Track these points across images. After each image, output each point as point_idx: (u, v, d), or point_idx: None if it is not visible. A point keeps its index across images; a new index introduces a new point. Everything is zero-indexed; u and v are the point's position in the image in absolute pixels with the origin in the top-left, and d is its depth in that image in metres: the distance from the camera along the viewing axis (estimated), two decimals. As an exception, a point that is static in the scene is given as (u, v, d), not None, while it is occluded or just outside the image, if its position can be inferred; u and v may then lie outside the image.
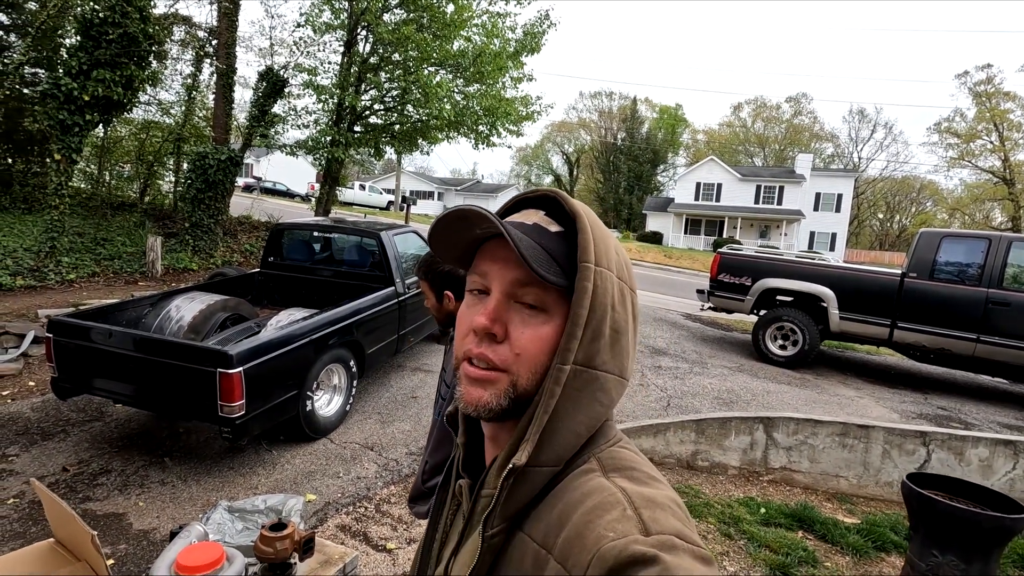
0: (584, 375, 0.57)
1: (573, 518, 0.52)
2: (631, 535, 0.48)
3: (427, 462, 1.75)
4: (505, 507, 0.56)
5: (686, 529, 0.50)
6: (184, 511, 3.23)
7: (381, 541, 3.09)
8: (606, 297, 0.57)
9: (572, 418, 0.57)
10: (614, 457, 0.58)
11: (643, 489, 0.54)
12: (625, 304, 0.61)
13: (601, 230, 0.60)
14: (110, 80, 7.49)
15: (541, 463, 0.56)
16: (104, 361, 3.58)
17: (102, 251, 8.18)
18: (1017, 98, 40.85)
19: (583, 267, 0.57)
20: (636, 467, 0.57)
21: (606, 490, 0.53)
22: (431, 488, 1.75)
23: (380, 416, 4.68)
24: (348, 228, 5.75)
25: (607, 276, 0.58)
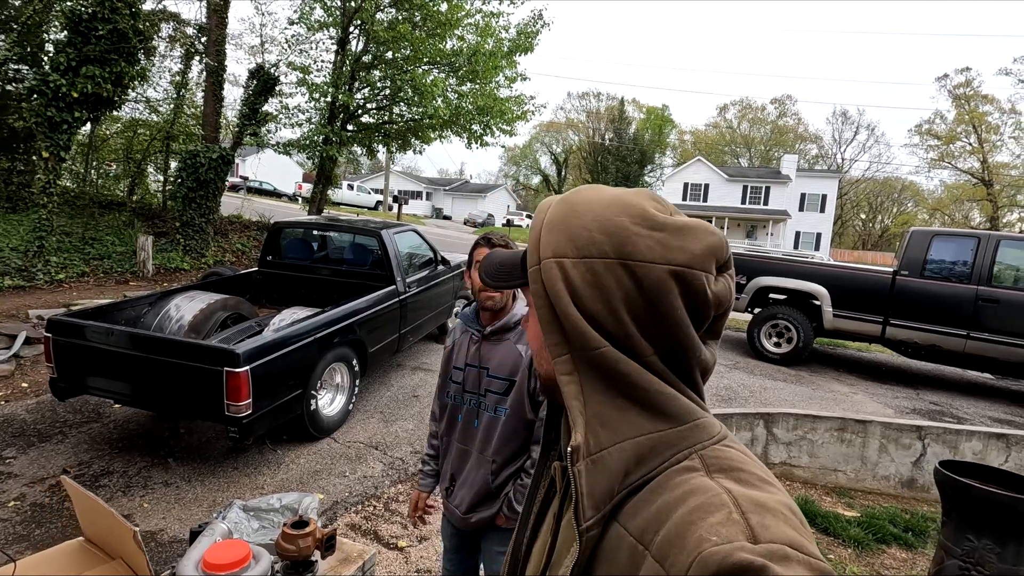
0: (592, 358, 0.56)
1: (673, 516, 0.49)
2: (736, 541, 0.44)
3: (493, 461, 1.74)
4: (591, 496, 0.55)
5: (801, 539, 0.46)
6: (190, 512, 3.20)
7: (392, 539, 3.08)
8: (555, 286, 0.57)
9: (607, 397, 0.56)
10: (718, 456, 0.55)
11: (751, 492, 0.50)
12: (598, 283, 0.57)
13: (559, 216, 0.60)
14: (99, 77, 7.37)
15: (603, 446, 0.55)
16: (105, 361, 3.52)
17: (91, 250, 8.04)
18: (995, 101, 41.76)
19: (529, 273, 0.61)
20: (744, 468, 0.53)
21: (710, 490, 0.50)
22: (500, 486, 1.75)
23: (383, 415, 4.66)
24: (348, 227, 5.72)
25: (549, 266, 0.58)
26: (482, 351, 1.80)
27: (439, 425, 1.93)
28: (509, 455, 1.75)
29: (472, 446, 1.79)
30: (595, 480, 0.54)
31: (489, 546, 1.83)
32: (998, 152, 41.96)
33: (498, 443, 1.74)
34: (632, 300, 0.56)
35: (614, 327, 0.57)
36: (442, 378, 1.91)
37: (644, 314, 0.56)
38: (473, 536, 1.90)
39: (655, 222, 0.58)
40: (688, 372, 0.59)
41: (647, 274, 0.56)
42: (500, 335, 1.79)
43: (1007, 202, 41.36)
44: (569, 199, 0.62)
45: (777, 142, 54.63)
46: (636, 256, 0.56)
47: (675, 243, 0.56)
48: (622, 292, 0.56)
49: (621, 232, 0.57)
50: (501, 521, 1.76)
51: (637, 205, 0.59)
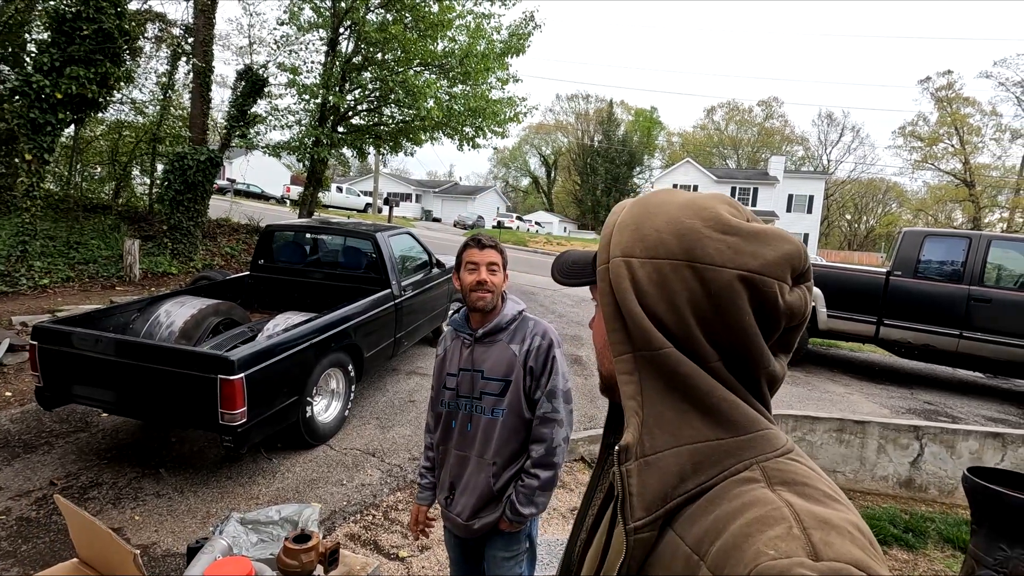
0: (654, 359, 0.56)
1: (731, 527, 0.48)
2: (796, 556, 0.43)
3: (494, 463, 1.70)
4: (641, 497, 0.54)
5: (868, 559, 0.44)
6: (184, 524, 3.11)
7: (393, 549, 3.01)
8: (620, 284, 0.58)
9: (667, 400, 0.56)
10: (782, 469, 0.53)
11: (815, 508, 0.48)
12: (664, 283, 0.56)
13: (633, 217, 0.61)
14: (84, 78, 7.21)
15: (658, 448, 0.54)
16: (94, 369, 3.42)
17: (76, 255, 7.86)
18: (976, 103, 42.51)
19: (597, 271, 0.63)
20: (809, 483, 0.51)
21: (770, 503, 0.48)
22: (502, 489, 1.70)
23: (379, 421, 4.58)
24: (341, 229, 5.63)
25: (617, 264, 0.59)
26: (475, 354, 1.77)
27: (434, 436, 1.88)
28: (509, 456, 1.72)
29: (471, 451, 1.75)
30: (647, 481, 0.54)
31: (493, 552, 1.79)
32: (979, 153, 42.71)
33: (497, 445, 1.71)
34: (698, 303, 0.56)
35: (678, 328, 0.56)
36: (435, 388, 1.87)
37: (710, 318, 0.55)
38: (477, 544, 1.86)
39: (728, 226, 0.57)
40: (755, 382, 0.58)
41: (715, 278, 0.55)
42: (493, 336, 1.76)
43: (989, 203, 42.07)
44: (644, 201, 0.63)
45: (764, 144, 55.16)
46: (705, 259, 0.56)
47: (748, 248, 0.56)
48: (688, 294, 0.56)
49: (692, 234, 0.57)
50: (505, 526, 1.72)
51: (711, 208, 0.59)
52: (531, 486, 1.68)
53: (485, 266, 1.72)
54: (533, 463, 1.69)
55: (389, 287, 4.95)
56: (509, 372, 1.69)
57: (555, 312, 8.70)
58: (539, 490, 1.68)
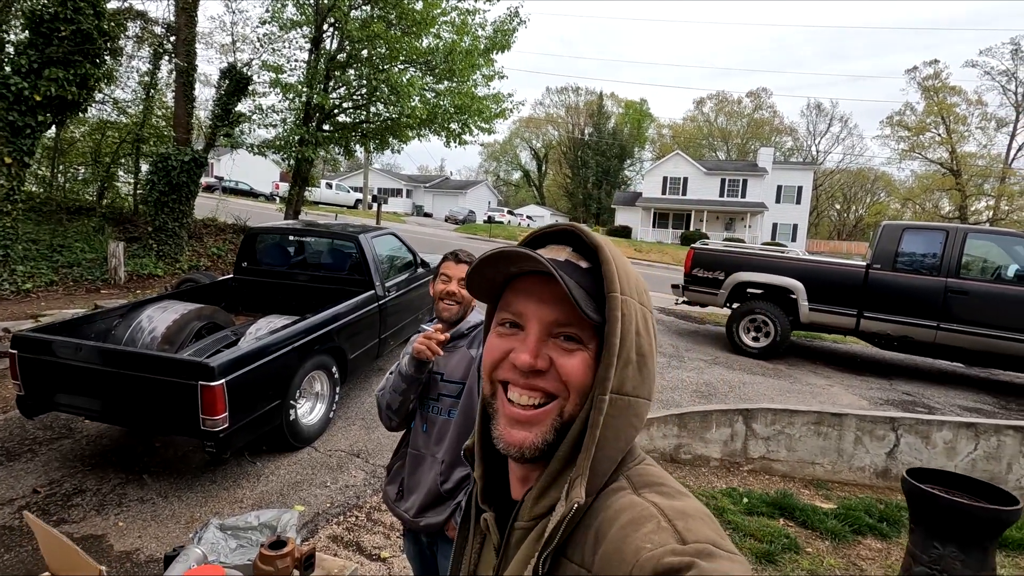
0: (619, 402, 0.59)
1: (609, 534, 0.54)
2: (668, 544, 0.49)
3: (443, 461, 1.75)
4: (552, 538, 0.57)
5: (720, 538, 0.52)
6: (167, 529, 3.14)
7: (375, 550, 3.06)
8: (631, 324, 0.60)
9: (613, 445, 0.59)
10: (642, 474, 0.60)
11: (674, 502, 0.55)
12: (648, 328, 0.63)
13: (621, 259, 0.63)
14: (63, 79, 7.15)
15: (589, 495, 0.59)
16: (75, 377, 3.43)
17: (59, 258, 7.82)
18: (962, 92, 42.86)
19: (611, 298, 0.59)
20: (664, 483, 0.59)
21: (639, 505, 0.55)
22: (451, 491, 1.75)
23: (364, 422, 4.62)
24: (325, 231, 5.64)
25: (631, 304, 0.60)
26: (443, 361, 1.82)
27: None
28: (458, 456, 1.78)
29: (425, 450, 1.82)
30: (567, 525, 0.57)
31: (444, 559, 1.85)
32: (965, 142, 43.10)
33: (449, 444, 1.78)
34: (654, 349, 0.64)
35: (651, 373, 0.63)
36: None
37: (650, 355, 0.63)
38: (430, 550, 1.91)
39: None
40: None
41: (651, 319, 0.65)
42: (455, 342, 1.84)
43: (975, 191, 42.50)
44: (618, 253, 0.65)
45: (753, 135, 55.34)
46: (650, 306, 0.65)
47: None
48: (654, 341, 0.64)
49: (646, 289, 0.66)
50: (452, 532, 1.77)
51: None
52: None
53: (456, 280, 1.81)
54: None
55: (373, 288, 4.98)
56: (465, 375, 1.76)
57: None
58: None
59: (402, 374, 1.73)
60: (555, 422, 0.62)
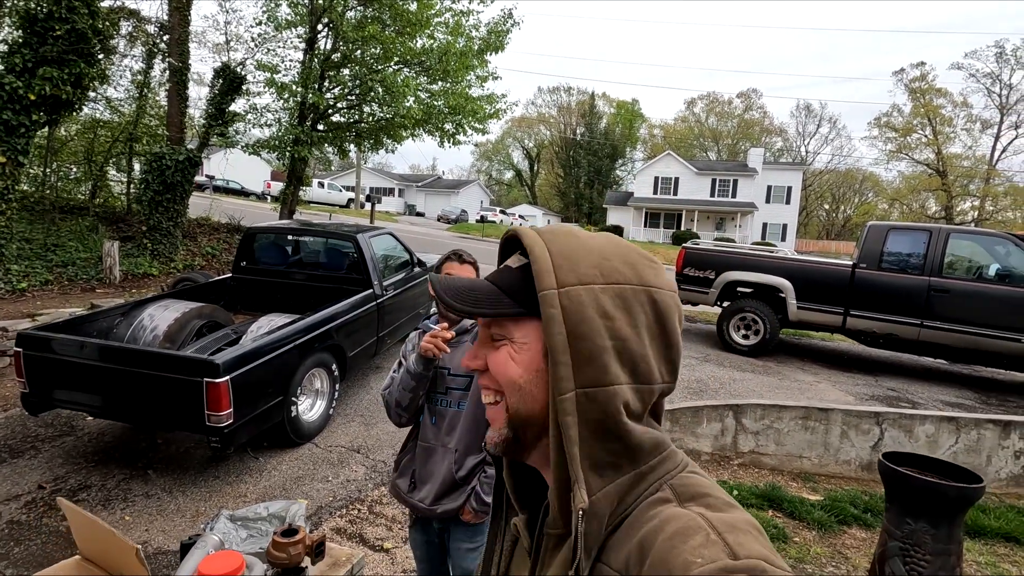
0: (599, 395, 0.55)
1: (656, 544, 0.51)
2: (720, 560, 0.47)
3: (456, 450, 1.84)
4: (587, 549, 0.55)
5: (771, 554, 0.50)
6: (173, 523, 3.21)
7: (378, 542, 3.14)
8: (584, 312, 0.56)
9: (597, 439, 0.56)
10: (686, 484, 0.57)
11: (722, 515, 0.52)
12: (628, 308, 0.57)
13: (568, 246, 0.59)
14: (58, 79, 7.15)
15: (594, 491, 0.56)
16: (80, 374, 3.48)
17: (54, 257, 7.82)
18: (948, 94, 43.51)
19: (541, 296, 0.57)
20: (711, 493, 0.56)
21: (685, 516, 0.52)
22: (465, 478, 1.84)
23: (363, 418, 4.70)
24: (323, 231, 5.71)
25: (578, 292, 0.56)
26: (448, 357, 1.91)
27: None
28: (470, 445, 1.88)
29: (436, 442, 1.91)
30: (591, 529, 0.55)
31: (457, 544, 1.93)
32: (951, 144, 43.77)
33: (460, 433, 1.87)
34: (652, 327, 0.58)
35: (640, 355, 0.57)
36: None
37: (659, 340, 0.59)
38: (441, 539, 1.99)
39: (648, 256, 0.62)
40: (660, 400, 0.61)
41: (662, 299, 0.59)
42: (459, 338, 1.94)
43: (960, 191, 43.16)
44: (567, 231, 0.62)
45: (744, 135, 55.81)
46: (652, 282, 0.59)
47: (664, 274, 0.61)
48: (646, 319, 0.58)
49: (638, 262, 0.60)
50: (468, 516, 1.87)
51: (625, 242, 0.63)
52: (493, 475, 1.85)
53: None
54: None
55: (371, 287, 5.05)
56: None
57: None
58: None
59: (410, 372, 1.81)
60: (509, 419, 0.62)
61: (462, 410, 1.87)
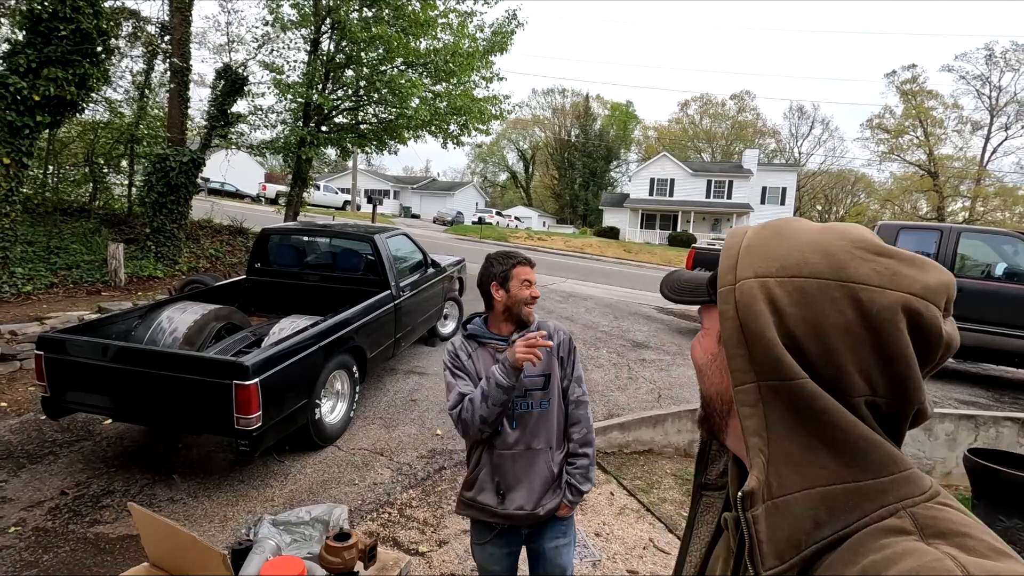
0: (783, 389, 0.51)
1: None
2: None
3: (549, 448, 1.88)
4: (772, 543, 0.50)
5: None
6: (203, 528, 3.15)
7: (412, 545, 3.10)
8: (754, 306, 0.53)
9: (795, 436, 0.51)
10: (935, 516, 0.48)
11: (984, 562, 0.42)
12: (810, 304, 0.52)
13: (760, 239, 0.57)
14: (62, 79, 7.06)
15: (787, 490, 0.50)
16: (104, 377, 3.43)
17: (57, 260, 7.71)
18: (939, 96, 43.96)
19: (718, 292, 0.57)
20: (970, 533, 0.46)
21: (928, 555, 0.43)
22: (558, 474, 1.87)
23: (383, 421, 4.65)
24: (338, 232, 5.66)
25: (750, 286, 0.54)
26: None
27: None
28: (558, 441, 1.90)
29: (520, 446, 1.84)
30: (777, 526, 0.50)
31: (553, 543, 1.90)
32: (943, 145, 44.23)
33: (547, 431, 1.87)
34: (850, 328, 0.50)
35: (820, 356, 0.51)
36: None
37: (862, 345, 0.50)
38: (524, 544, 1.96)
39: (880, 248, 0.53)
40: (898, 419, 0.53)
41: (874, 299, 0.50)
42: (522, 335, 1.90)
43: (951, 192, 43.59)
44: (775, 224, 0.59)
45: (737, 137, 56.10)
46: (860, 279, 0.51)
47: (906, 271, 0.51)
48: (839, 317, 0.50)
49: (842, 254, 0.52)
50: (565, 510, 1.88)
51: (856, 231, 0.55)
52: (584, 464, 1.90)
53: (533, 283, 1.89)
54: (580, 443, 1.91)
55: (388, 288, 5.01)
56: (547, 367, 1.86)
57: (544, 308, 8.84)
58: (590, 466, 1.91)
59: (502, 386, 1.72)
60: (700, 397, 0.65)
61: (544, 409, 1.86)
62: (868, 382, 0.51)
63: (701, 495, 0.74)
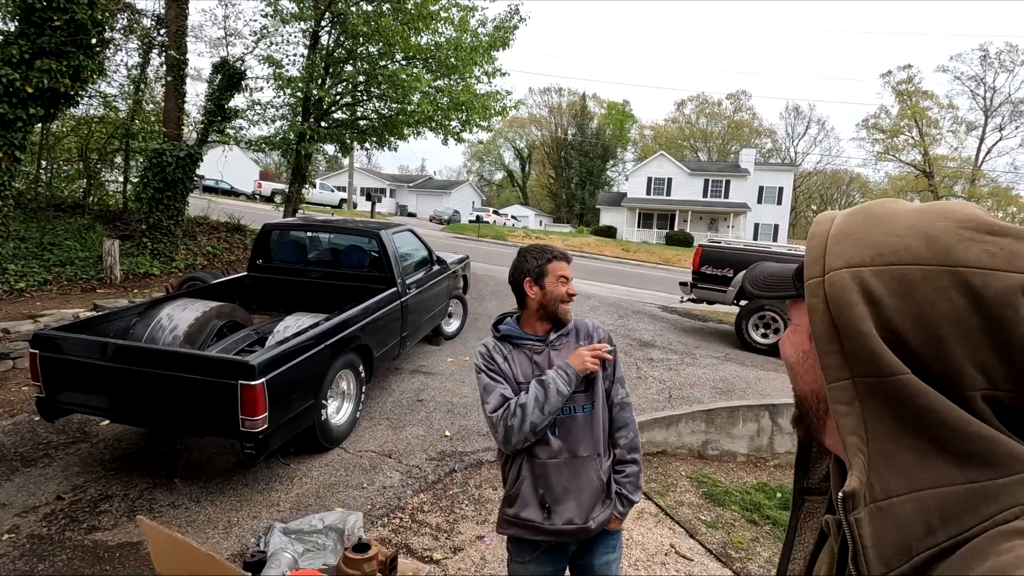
0: (883, 386, 0.48)
1: None
2: None
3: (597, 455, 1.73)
4: (878, 549, 0.47)
5: None
6: (206, 535, 3.01)
7: (426, 552, 2.98)
8: (846, 298, 0.49)
9: (899, 435, 0.48)
10: None
11: None
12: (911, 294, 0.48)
13: (852, 225, 0.53)
14: (56, 71, 6.88)
15: (892, 492, 0.47)
16: (100, 377, 3.28)
17: (51, 257, 7.52)
18: (934, 96, 44.14)
19: (806, 286, 0.54)
20: None
21: None
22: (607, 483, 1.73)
23: (390, 422, 4.52)
24: (343, 227, 5.52)
25: (842, 277, 0.50)
26: (552, 359, 1.75)
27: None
28: (605, 447, 1.76)
29: (568, 454, 1.70)
30: (883, 531, 0.47)
31: (604, 558, 1.77)
32: (938, 145, 44.41)
33: (595, 438, 1.73)
34: (960, 316, 0.46)
35: (927, 348, 0.47)
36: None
37: (977, 335, 0.46)
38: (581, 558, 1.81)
39: (993, 226, 0.48)
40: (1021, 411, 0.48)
41: (989, 284, 0.46)
42: (564, 339, 1.79)
43: (946, 192, 43.78)
44: (864, 209, 0.55)
45: (733, 136, 56.16)
46: (971, 263, 0.46)
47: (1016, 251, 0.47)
48: (948, 307, 0.46)
49: (947, 236, 0.48)
50: (616, 523, 1.75)
51: (963, 209, 0.50)
52: (634, 472, 1.77)
53: (569, 279, 1.76)
54: (628, 448, 1.77)
55: (395, 286, 4.88)
56: None
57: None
58: (640, 473, 1.79)
59: (563, 394, 1.62)
60: (794, 396, 0.62)
61: (588, 413, 1.72)
62: (984, 374, 0.47)
63: (803, 500, 0.70)
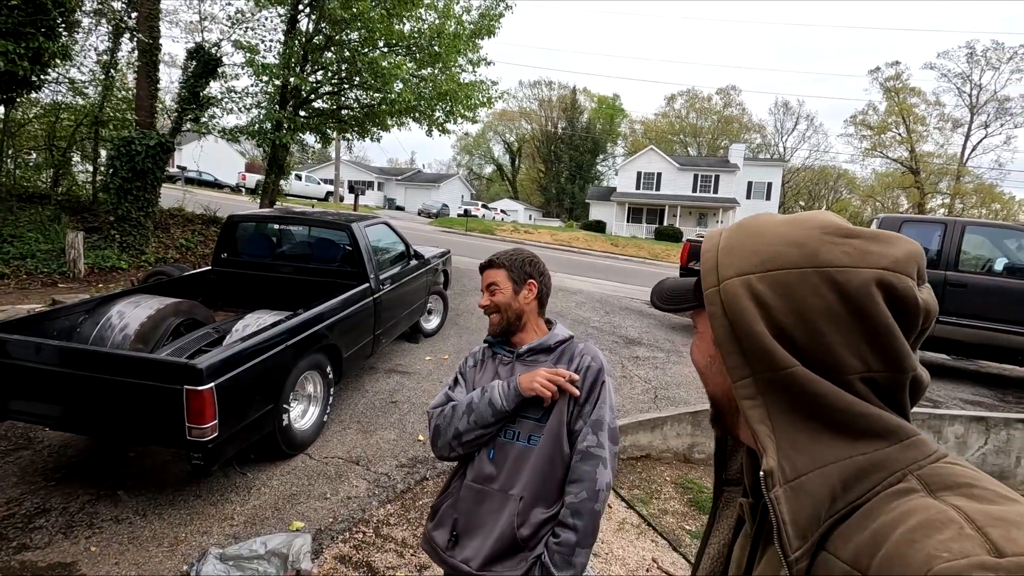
0: (778, 379, 0.54)
1: (892, 537, 0.46)
2: (974, 555, 0.40)
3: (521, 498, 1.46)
4: (795, 524, 0.50)
5: None
6: (149, 553, 2.76)
7: (388, 570, 2.75)
8: (739, 303, 0.55)
9: (798, 422, 0.53)
10: (939, 474, 0.50)
11: (987, 507, 0.45)
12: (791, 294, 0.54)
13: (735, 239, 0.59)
14: (13, 52, 6.51)
15: (800, 471, 0.52)
16: (36, 381, 3.01)
17: (11, 249, 7.17)
18: (921, 93, 44.38)
19: (704, 295, 0.60)
20: (975, 484, 0.48)
21: (934, 508, 0.46)
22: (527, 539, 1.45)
23: (360, 425, 4.28)
24: (313, 220, 5.25)
25: (734, 285, 0.56)
26: (515, 373, 1.52)
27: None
28: (540, 494, 1.45)
29: (493, 484, 1.47)
30: (798, 507, 0.51)
31: None
32: (924, 142, 44.71)
33: (528, 477, 1.44)
34: (832, 310, 0.53)
35: (809, 342, 0.53)
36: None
37: (847, 325, 0.52)
38: None
39: (848, 230, 0.56)
40: (896, 390, 0.54)
41: (850, 279, 0.52)
42: (536, 355, 1.55)
43: (932, 189, 44.13)
44: (743, 224, 0.61)
45: (723, 131, 56.17)
46: (833, 262, 0.53)
47: (874, 248, 0.54)
48: (821, 303, 0.53)
49: (812, 242, 0.55)
50: None
51: (821, 218, 0.58)
52: (568, 541, 1.38)
53: (486, 288, 1.60)
54: (571, 510, 1.40)
55: (367, 281, 4.63)
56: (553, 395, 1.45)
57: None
58: (578, 546, 1.39)
59: (494, 406, 1.42)
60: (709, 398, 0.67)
61: (533, 446, 1.45)
62: (860, 359, 0.53)
63: (723, 491, 0.75)
